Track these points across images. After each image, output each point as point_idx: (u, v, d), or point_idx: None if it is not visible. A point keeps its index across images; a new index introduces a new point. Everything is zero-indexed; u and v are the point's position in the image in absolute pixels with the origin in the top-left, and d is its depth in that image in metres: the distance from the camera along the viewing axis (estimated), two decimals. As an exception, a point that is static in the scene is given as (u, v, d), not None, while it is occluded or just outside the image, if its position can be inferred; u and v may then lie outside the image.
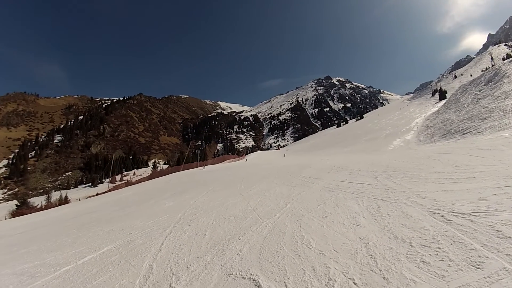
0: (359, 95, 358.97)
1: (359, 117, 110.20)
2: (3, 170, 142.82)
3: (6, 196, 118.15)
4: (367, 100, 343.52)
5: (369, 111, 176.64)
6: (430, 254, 3.18)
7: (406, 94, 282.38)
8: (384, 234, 4.04)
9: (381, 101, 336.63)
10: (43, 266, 5.54)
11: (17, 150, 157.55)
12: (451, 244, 3.31)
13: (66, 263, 5.43)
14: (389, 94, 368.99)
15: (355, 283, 2.87)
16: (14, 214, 27.07)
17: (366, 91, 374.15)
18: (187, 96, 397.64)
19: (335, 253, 3.67)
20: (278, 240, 4.60)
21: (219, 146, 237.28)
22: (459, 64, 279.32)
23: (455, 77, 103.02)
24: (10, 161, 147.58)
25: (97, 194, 39.56)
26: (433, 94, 78.08)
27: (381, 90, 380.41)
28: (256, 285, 3.21)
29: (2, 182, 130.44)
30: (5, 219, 26.58)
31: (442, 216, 4.29)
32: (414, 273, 2.86)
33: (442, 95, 64.63)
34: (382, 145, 33.23)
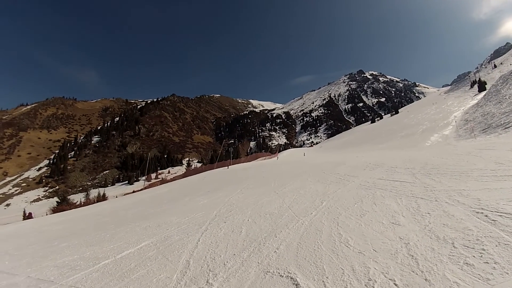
0: (393, 89, 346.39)
1: (394, 112, 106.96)
2: (44, 169, 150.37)
3: (47, 194, 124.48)
4: (402, 94, 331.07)
5: (404, 105, 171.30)
6: (474, 256, 3.05)
7: (443, 86, 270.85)
8: (425, 234, 3.91)
9: (416, 94, 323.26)
10: (83, 260, 5.75)
11: (57, 151, 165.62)
12: (496, 246, 3.16)
13: (105, 257, 5.61)
14: (425, 87, 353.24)
15: (395, 284, 2.79)
16: (54, 210, 28.23)
17: (401, 85, 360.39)
18: (219, 95, 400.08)
19: (375, 252, 3.59)
20: (315, 238, 4.53)
21: (252, 144, 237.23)
22: (499, 53, 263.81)
23: (495, 66, 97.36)
24: (51, 161, 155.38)
25: (133, 192, 40.69)
26: (471, 86, 74.56)
27: (417, 83, 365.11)
28: (294, 284, 3.17)
29: (44, 180, 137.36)
30: (46, 214, 27.86)
31: (486, 216, 4.11)
32: (457, 275, 2.75)
33: (482, 86, 61.49)
34: (419, 141, 32.16)
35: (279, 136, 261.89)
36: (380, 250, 3.65)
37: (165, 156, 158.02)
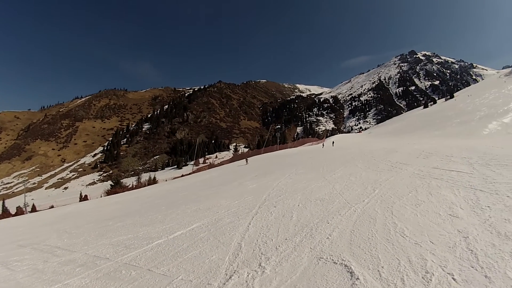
0: (448, 71, 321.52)
1: (448, 96, 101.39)
2: (99, 155, 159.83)
3: (102, 178, 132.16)
4: (458, 77, 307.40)
5: (460, 89, 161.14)
6: (538, 255, 2.91)
7: (503, 68, 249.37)
8: (485, 228, 3.76)
9: (474, 77, 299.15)
10: (137, 239, 6.06)
11: (110, 138, 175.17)
12: None
13: (158, 237, 5.88)
14: (483, 69, 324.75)
15: (454, 279, 2.71)
16: (109, 193, 30.02)
17: (457, 66, 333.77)
18: (265, 80, 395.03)
19: (432, 244, 3.50)
20: (369, 226, 4.48)
21: (299, 129, 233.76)
22: None
23: None
24: (105, 148, 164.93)
25: (182, 176, 41.92)
26: (537, 68, 69.05)
27: (474, 64, 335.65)
28: (348, 271, 3.16)
29: (99, 165, 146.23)
30: (101, 196, 29.64)
31: (554, 213, 3.88)
32: (520, 274, 2.63)
33: (550, 70, 56.78)
34: (476, 129, 30.48)
35: (326, 121, 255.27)
36: (437, 242, 3.55)
37: (213, 141, 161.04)
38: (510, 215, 4.05)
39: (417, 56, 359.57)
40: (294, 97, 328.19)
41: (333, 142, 39.96)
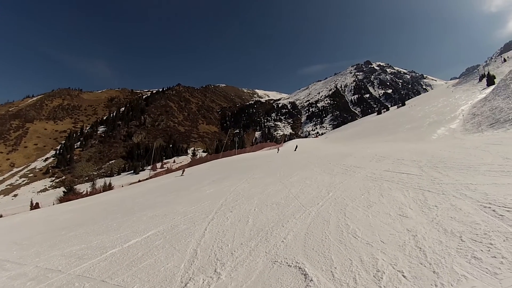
0: (400, 81, 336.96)
1: (400, 104, 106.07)
2: (51, 160, 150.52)
3: (54, 184, 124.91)
4: (409, 86, 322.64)
5: (411, 97, 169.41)
6: (481, 250, 3.06)
7: (451, 79, 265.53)
8: (433, 226, 3.93)
9: (424, 86, 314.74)
10: (90, 249, 5.81)
11: (63, 142, 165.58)
12: (504, 241, 3.17)
13: (112, 246, 5.67)
14: (432, 80, 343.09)
15: (404, 276, 2.81)
16: (61, 200, 28.44)
17: (408, 76, 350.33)
18: (224, 85, 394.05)
19: (383, 244, 3.61)
20: (322, 228, 4.56)
21: (257, 134, 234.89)
22: (509, 46, 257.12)
23: (504, 60, 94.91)
24: (58, 152, 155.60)
25: (139, 181, 40.84)
26: (480, 80, 73.55)
27: (424, 75, 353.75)
28: (302, 273, 3.20)
29: (51, 171, 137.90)
30: (54, 204, 28.11)
31: (494, 210, 4.10)
32: (465, 269, 2.77)
33: (490, 80, 60.61)
34: (426, 134, 31.99)
35: (284, 126, 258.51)
36: (388, 241, 3.67)
37: (171, 145, 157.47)
38: (456, 214, 4.26)
39: (372, 66, 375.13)
40: (253, 102, 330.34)
41: (296, 146, 40.01)
